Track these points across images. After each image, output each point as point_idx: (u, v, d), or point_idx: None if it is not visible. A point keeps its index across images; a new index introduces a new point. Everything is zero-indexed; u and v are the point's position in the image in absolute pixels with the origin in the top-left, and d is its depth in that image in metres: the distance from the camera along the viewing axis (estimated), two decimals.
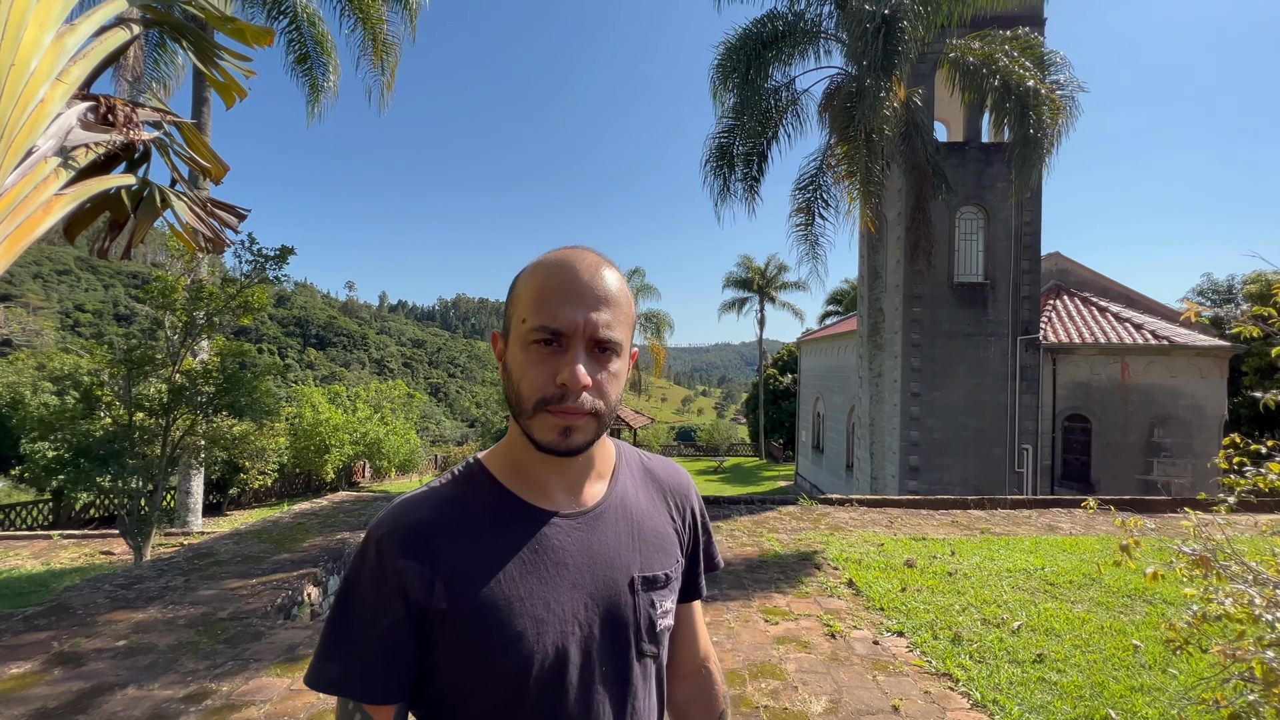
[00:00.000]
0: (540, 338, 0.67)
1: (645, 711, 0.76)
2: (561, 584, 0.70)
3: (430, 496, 0.73)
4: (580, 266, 0.69)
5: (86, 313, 79.45)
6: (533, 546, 0.70)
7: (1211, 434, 13.12)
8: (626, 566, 0.75)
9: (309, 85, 10.75)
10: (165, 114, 2.18)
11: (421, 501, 0.73)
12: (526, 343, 0.68)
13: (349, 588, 0.70)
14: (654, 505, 0.82)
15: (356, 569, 0.70)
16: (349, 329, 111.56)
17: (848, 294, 36.04)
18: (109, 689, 3.00)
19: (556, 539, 0.72)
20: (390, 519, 0.71)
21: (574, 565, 0.71)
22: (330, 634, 0.69)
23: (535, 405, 0.67)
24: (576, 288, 0.67)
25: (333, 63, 10.90)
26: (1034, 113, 9.09)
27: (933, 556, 5.41)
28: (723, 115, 9.88)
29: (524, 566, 0.69)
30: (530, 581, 0.69)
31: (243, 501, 17.45)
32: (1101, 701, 2.94)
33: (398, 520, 0.70)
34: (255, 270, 7.58)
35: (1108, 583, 4.72)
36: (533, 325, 0.67)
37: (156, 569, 5.04)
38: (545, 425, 0.67)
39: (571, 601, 0.70)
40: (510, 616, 0.67)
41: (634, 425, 25.45)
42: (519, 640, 0.66)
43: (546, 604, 0.68)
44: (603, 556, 0.73)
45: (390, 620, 0.66)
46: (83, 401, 6.89)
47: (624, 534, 0.76)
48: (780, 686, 3.10)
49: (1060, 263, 17.11)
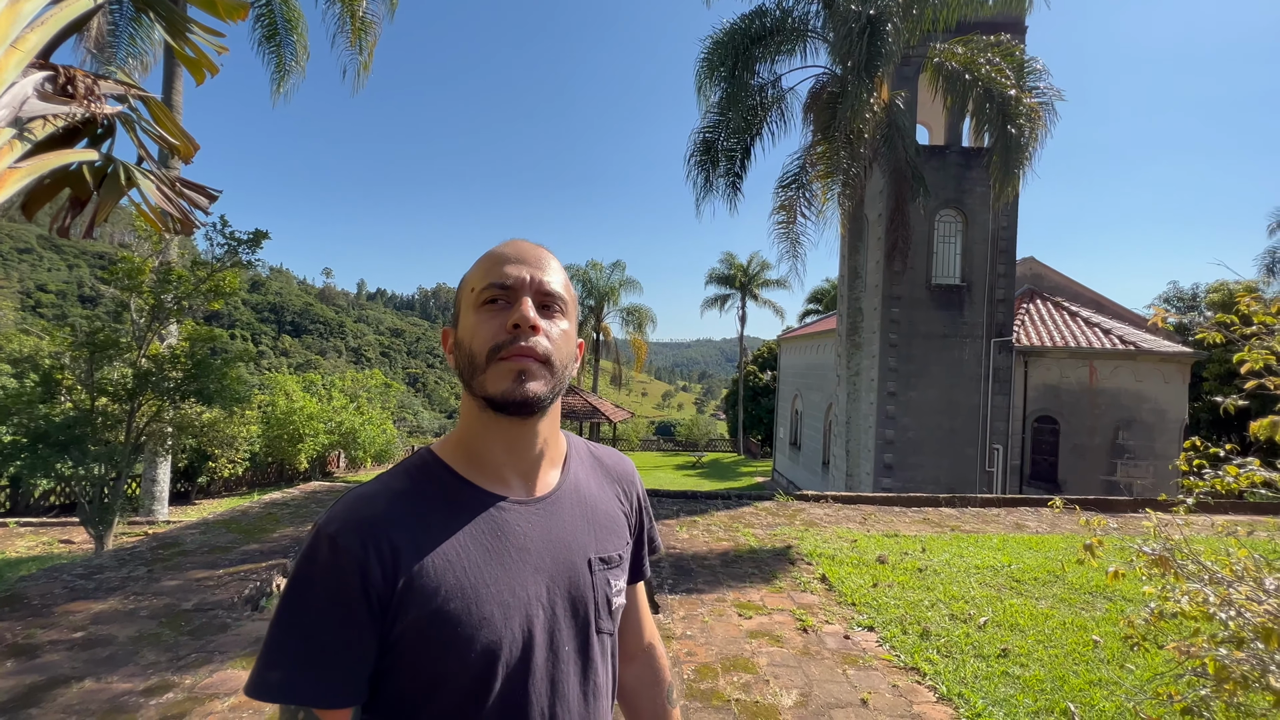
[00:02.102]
0: (490, 295, 0.71)
1: (604, 686, 0.79)
2: (524, 568, 0.72)
3: (384, 489, 0.71)
4: (523, 243, 0.76)
5: (49, 293, 76.73)
6: (494, 533, 0.71)
7: (1173, 437, 13.56)
8: (583, 548, 0.78)
9: (275, 63, 10.42)
10: (131, 87, 2.09)
11: (375, 494, 0.70)
12: (477, 305, 0.72)
13: (300, 588, 0.66)
14: (604, 490, 0.86)
15: (307, 568, 0.66)
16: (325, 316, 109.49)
17: (828, 293, 36.40)
18: (64, 681, 2.91)
19: (517, 525, 0.73)
20: (343, 514, 0.67)
21: (535, 550, 0.73)
22: (278, 639, 0.64)
23: (488, 355, 0.70)
24: (520, 253, 0.74)
25: (302, 42, 10.58)
26: (1013, 120, 9.25)
27: (904, 553, 5.50)
28: (707, 110, 9.88)
29: (487, 553, 0.70)
30: (494, 568, 0.70)
31: (212, 490, 17.05)
32: (1062, 695, 3.02)
33: (352, 514, 0.67)
34: (227, 254, 7.38)
35: (1071, 580, 4.85)
36: (481, 286, 0.72)
37: (118, 559, 4.90)
38: (499, 373, 0.69)
39: (535, 585, 0.72)
40: (478, 603, 0.67)
41: (614, 419, 25.41)
42: (487, 625, 0.67)
43: (511, 589, 0.70)
44: (562, 540, 0.76)
45: (348, 619, 0.64)
46: (42, 385, 6.64)
47: (579, 518, 0.79)
48: (752, 680, 3.13)
49: (1034, 267, 17.48)
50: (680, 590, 4.42)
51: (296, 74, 10.62)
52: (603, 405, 25.77)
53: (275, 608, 0.67)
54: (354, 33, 10.16)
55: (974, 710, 2.88)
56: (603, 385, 35.73)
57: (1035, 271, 17.45)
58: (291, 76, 10.58)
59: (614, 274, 31.95)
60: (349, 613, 0.64)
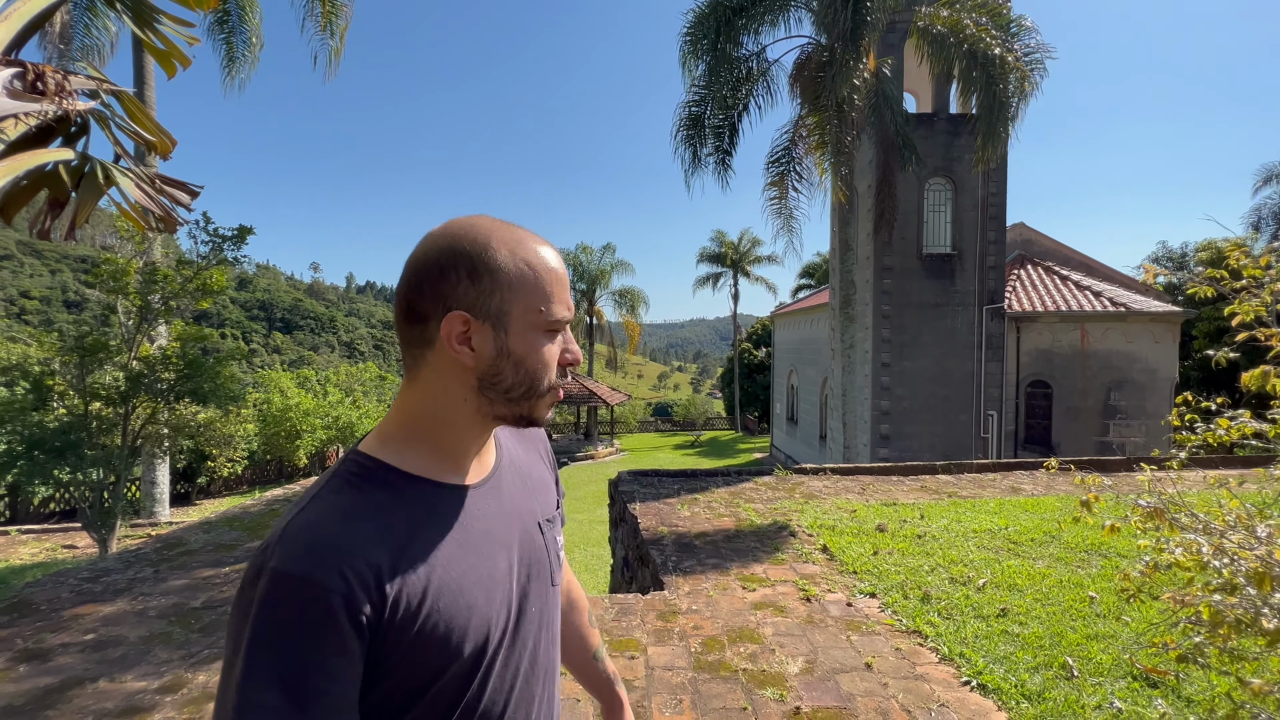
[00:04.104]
0: (556, 328, 0.74)
1: (558, 633, 0.88)
2: (493, 548, 0.74)
3: (334, 510, 0.65)
4: (555, 256, 0.75)
5: (33, 299, 75.72)
6: (460, 525, 0.72)
7: (1164, 396, 13.73)
8: (531, 514, 0.82)
9: (225, 51, 10.10)
10: (102, 82, 2.04)
11: (328, 518, 0.64)
12: (544, 330, 0.72)
13: (274, 637, 0.58)
14: (529, 455, 0.91)
15: (276, 614, 0.58)
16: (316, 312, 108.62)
17: (820, 267, 36.36)
18: (78, 683, 2.93)
19: (474, 508, 0.74)
20: (303, 547, 0.61)
21: (495, 528, 0.76)
22: (254, 699, 0.56)
23: (549, 387, 0.74)
24: (565, 281, 0.75)
25: (255, 33, 10.24)
26: (1000, 80, 9.16)
27: (903, 521, 5.58)
28: (693, 84, 9.74)
29: (459, 546, 0.70)
30: (469, 556, 0.71)
31: (212, 490, 17.07)
32: (1060, 650, 3.10)
33: (315, 545, 0.61)
34: (212, 251, 7.28)
35: (1066, 539, 4.94)
36: (551, 317, 0.72)
37: (123, 561, 4.91)
38: (547, 404, 0.75)
39: (505, 561, 0.75)
40: (463, 594, 0.68)
41: (611, 402, 25.50)
42: (476, 613, 0.69)
43: (488, 572, 0.72)
44: (513, 511, 0.79)
45: (340, 656, 0.59)
46: (33, 392, 6.60)
47: (519, 487, 0.83)
48: (758, 650, 3.19)
49: (1025, 233, 17.49)
50: (684, 567, 4.48)
51: (248, 64, 10.28)
52: (599, 389, 25.84)
53: (235, 665, 0.58)
54: (324, 16, 9.87)
55: (975, 669, 2.94)
56: (598, 369, 35.77)
57: (1026, 237, 17.47)
58: (244, 67, 10.25)
59: (605, 257, 31.79)
60: (341, 650, 0.59)
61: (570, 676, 1.07)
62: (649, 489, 6.95)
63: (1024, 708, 2.62)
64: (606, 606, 3.76)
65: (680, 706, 2.67)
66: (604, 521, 12.83)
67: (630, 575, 5.63)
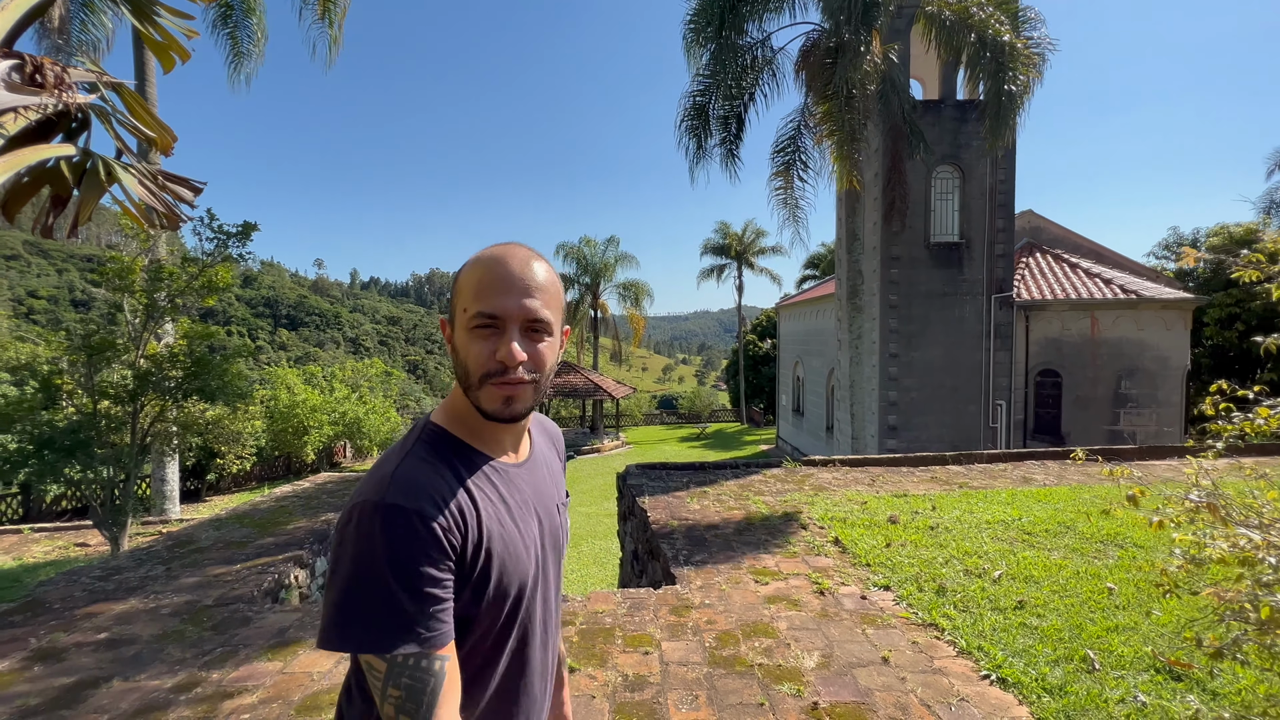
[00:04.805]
0: (480, 323, 0.81)
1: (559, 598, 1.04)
2: (530, 516, 0.91)
3: (424, 464, 0.81)
4: (513, 261, 0.83)
5: (40, 299, 76.18)
6: (509, 491, 0.88)
7: (1175, 384, 13.60)
8: (553, 496, 0.99)
9: (230, 47, 10.04)
10: (100, 75, 2.00)
11: (420, 469, 0.80)
12: (469, 328, 0.82)
13: (394, 552, 0.73)
14: (550, 450, 1.07)
15: (393, 534, 0.73)
16: (321, 308, 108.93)
17: (824, 258, 36.14)
18: (93, 683, 2.93)
19: (519, 483, 0.91)
20: (406, 488, 0.77)
21: (530, 501, 0.92)
22: (382, 597, 0.72)
23: (480, 379, 0.82)
24: (509, 279, 0.82)
25: (260, 26, 10.17)
26: (1009, 68, 9.02)
27: (915, 512, 5.54)
28: (697, 74, 9.62)
29: (510, 509, 0.87)
30: (516, 519, 0.87)
31: (222, 487, 17.17)
32: (1080, 643, 3.05)
33: (416, 488, 0.77)
34: (217, 248, 7.26)
35: (1081, 530, 4.88)
36: (473, 313, 0.81)
37: (135, 559, 4.92)
38: (490, 396, 0.83)
39: (536, 528, 0.92)
40: (516, 545, 0.85)
41: (616, 395, 25.46)
42: (521, 562, 0.86)
43: (528, 531, 0.89)
44: (542, 491, 0.96)
45: (446, 572, 0.75)
46: (42, 391, 6.60)
47: (545, 474, 1.00)
48: (773, 644, 3.16)
49: (1033, 220, 17.29)
50: (695, 560, 4.45)
51: (254, 60, 10.22)
52: (604, 383, 25.79)
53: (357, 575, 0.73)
54: (321, 3, 9.76)
55: (994, 662, 2.91)
56: (602, 362, 35.74)
57: (1034, 224, 17.27)
58: (250, 62, 10.19)
59: (608, 250, 31.64)
60: (444, 566, 0.76)
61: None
62: (657, 482, 6.92)
63: (1046, 702, 2.58)
64: (618, 602, 3.74)
65: (696, 703, 2.64)
66: (611, 515, 12.83)
67: (640, 569, 5.61)
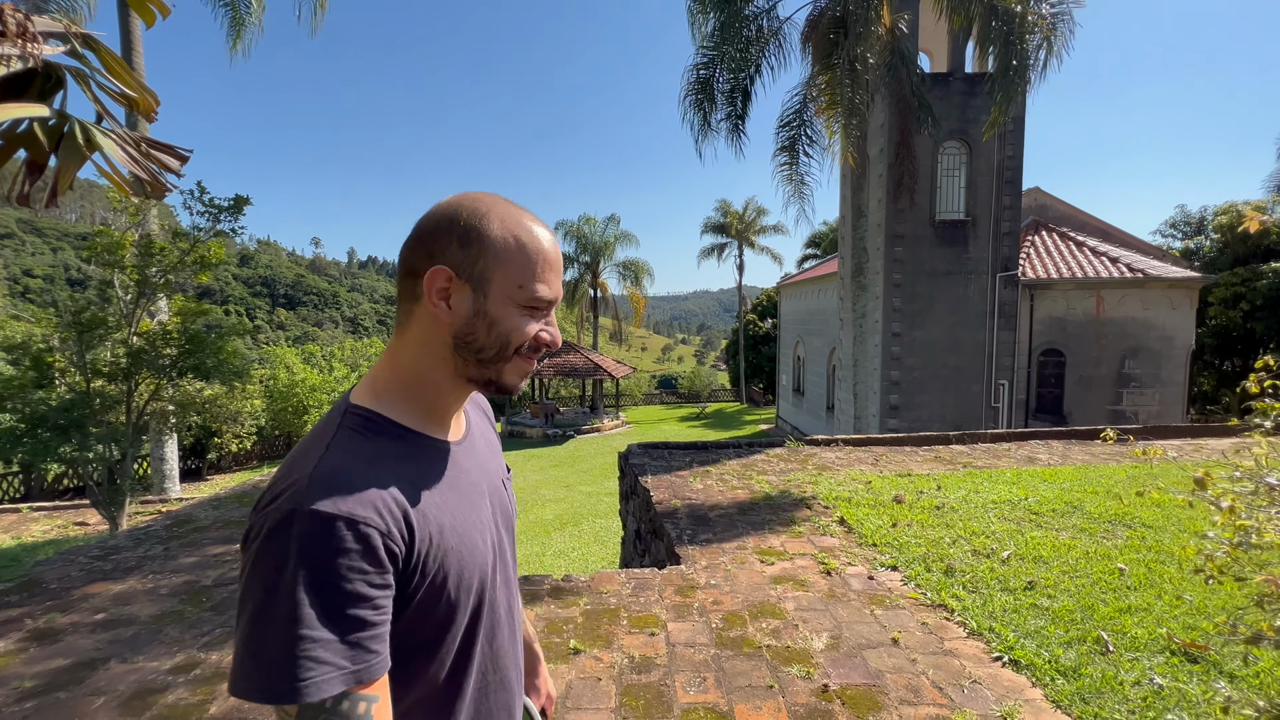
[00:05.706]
0: (536, 305, 0.76)
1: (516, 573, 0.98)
2: (478, 498, 0.83)
3: (356, 456, 0.70)
4: (550, 239, 0.78)
5: (35, 278, 75.70)
6: (453, 476, 0.79)
7: (1179, 364, 13.52)
8: (496, 471, 0.93)
9: (230, 17, 9.73)
10: (70, 25, 1.86)
11: (350, 464, 0.68)
12: (520, 304, 0.75)
13: (319, 571, 0.61)
14: (484, 422, 0.99)
15: (320, 550, 0.61)
16: (319, 287, 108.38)
17: (826, 237, 35.78)
18: (90, 664, 2.89)
19: (462, 464, 0.83)
20: (336, 488, 0.64)
21: (477, 481, 0.84)
22: (301, 634, 0.59)
23: (515, 350, 0.77)
24: (555, 262, 0.78)
25: None
26: (1019, 37, 8.74)
27: (920, 492, 5.49)
28: (701, 45, 9.34)
29: (458, 495, 0.78)
30: (465, 505, 0.79)
31: (222, 466, 17.19)
32: (1092, 624, 3.01)
33: (347, 487, 0.65)
34: (209, 223, 7.09)
35: (1089, 509, 4.84)
36: (532, 293, 0.75)
37: (133, 538, 4.88)
38: (516, 369, 0.78)
39: (487, 510, 0.84)
40: (469, 536, 0.77)
41: (616, 375, 25.42)
42: (477, 552, 0.78)
43: (479, 517, 0.81)
44: (486, 468, 0.89)
45: (382, 588, 0.64)
46: (34, 369, 6.50)
47: (485, 448, 0.92)
48: (781, 625, 3.11)
49: (1040, 198, 17.05)
50: (700, 540, 4.40)
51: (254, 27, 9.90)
52: (604, 362, 25.73)
53: (274, 606, 0.60)
54: None
55: (1006, 644, 2.86)
56: (602, 342, 35.64)
57: (1041, 202, 17.03)
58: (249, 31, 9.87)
59: (609, 228, 31.30)
60: (382, 583, 0.65)
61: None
62: (660, 461, 6.87)
63: (1059, 684, 2.54)
64: (623, 582, 3.69)
65: (704, 685, 2.59)
66: (612, 494, 12.85)
67: (643, 548, 5.58)
